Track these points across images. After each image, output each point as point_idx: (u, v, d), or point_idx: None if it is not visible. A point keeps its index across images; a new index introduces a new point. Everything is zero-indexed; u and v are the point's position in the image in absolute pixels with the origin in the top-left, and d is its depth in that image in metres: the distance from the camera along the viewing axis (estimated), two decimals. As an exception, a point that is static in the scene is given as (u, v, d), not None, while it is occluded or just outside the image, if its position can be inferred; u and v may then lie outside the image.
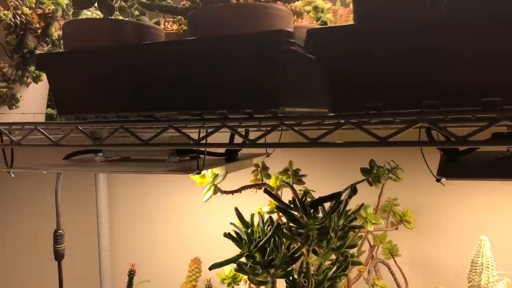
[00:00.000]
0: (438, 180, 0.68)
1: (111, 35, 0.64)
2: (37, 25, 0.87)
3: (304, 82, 0.61)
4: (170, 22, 0.77)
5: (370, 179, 0.91)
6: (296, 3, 0.64)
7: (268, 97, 0.55)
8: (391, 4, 0.49)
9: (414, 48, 0.47)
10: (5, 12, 0.83)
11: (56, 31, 0.86)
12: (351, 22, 0.95)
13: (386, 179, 0.95)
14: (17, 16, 0.84)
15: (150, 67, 0.60)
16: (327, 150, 1.18)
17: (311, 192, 1.04)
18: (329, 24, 0.79)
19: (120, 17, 0.68)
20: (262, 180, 1.02)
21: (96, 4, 0.66)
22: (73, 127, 0.72)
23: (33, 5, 0.94)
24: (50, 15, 0.84)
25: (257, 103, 0.55)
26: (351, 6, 0.99)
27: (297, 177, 1.04)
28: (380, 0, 0.50)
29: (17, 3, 0.90)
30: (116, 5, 0.68)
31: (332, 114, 0.54)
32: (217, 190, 0.90)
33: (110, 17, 0.66)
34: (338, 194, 0.73)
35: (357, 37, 0.50)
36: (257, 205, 1.03)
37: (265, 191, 0.76)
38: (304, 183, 1.04)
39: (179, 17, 0.73)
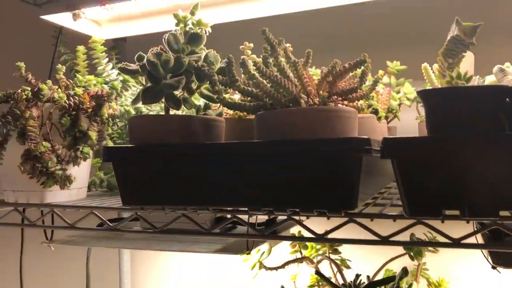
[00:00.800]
0: (494, 268, 0.70)
1: (180, 131, 0.66)
2: (88, 105, 0.89)
3: (369, 178, 0.63)
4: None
5: (412, 253, 0.92)
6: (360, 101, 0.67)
7: (343, 200, 0.57)
8: (465, 121, 0.53)
9: (483, 159, 0.50)
10: (61, 95, 0.85)
11: (106, 111, 0.89)
12: (392, 102, 0.98)
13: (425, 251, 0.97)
14: (71, 98, 0.86)
15: (221, 165, 0.62)
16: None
17: (347, 261, 1.05)
18: (376, 107, 0.82)
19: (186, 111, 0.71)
20: (300, 250, 1.03)
21: (164, 99, 0.69)
22: (133, 213, 0.74)
23: (82, 83, 0.97)
24: (103, 97, 0.86)
25: (331, 204, 0.57)
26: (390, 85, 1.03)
27: (333, 247, 1.05)
28: (452, 117, 0.53)
29: (68, 83, 0.93)
30: (180, 95, 0.71)
31: (405, 215, 0.56)
32: (262, 266, 0.91)
33: (178, 114, 0.68)
34: (393, 278, 0.75)
35: (432, 147, 0.53)
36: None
37: (317, 273, 0.77)
38: (340, 253, 1.05)
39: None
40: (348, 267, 1.04)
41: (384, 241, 0.59)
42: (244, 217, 0.68)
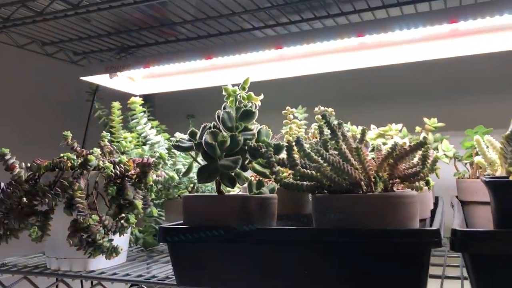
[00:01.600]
0: None
1: (237, 212, 0.66)
2: (133, 172, 0.89)
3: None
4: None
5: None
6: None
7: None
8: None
9: None
10: (107, 164, 0.85)
11: (151, 179, 0.89)
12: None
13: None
14: (117, 166, 0.87)
15: (283, 251, 0.61)
16: None
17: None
18: (428, 179, 0.81)
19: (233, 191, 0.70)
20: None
21: (219, 178, 0.69)
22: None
23: (125, 149, 0.97)
24: (149, 166, 0.87)
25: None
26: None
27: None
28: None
29: (111, 149, 0.93)
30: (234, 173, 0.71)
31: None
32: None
33: (233, 194, 0.68)
34: None
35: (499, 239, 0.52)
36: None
37: None
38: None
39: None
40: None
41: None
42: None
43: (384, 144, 1.01)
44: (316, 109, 0.93)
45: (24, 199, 0.86)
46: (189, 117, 1.44)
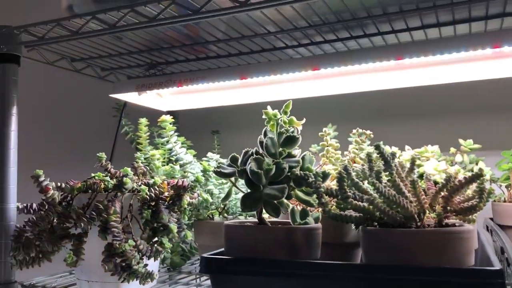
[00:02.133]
0: None
1: (283, 243, 0.64)
2: (167, 194, 0.87)
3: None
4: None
5: None
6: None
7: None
8: None
9: None
10: (143, 187, 0.84)
11: (186, 202, 0.87)
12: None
13: None
14: (151, 189, 0.85)
15: (332, 286, 0.59)
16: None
17: None
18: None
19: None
20: None
21: (263, 207, 0.67)
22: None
23: (158, 169, 0.96)
24: (185, 188, 0.85)
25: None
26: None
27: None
28: None
29: (144, 169, 0.92)
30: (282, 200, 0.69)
31: None
32: None
33: (278, 225, 0.66)
34: None
35: None
36: None
37: None
38: None
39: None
40: None
41: None
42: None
43: (419, 166, 0.98)
44: (354, 131, 0.91)
45: (57, 221, 0.84)
46: (214, 133, 1.42)
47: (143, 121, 1.20)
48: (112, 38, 1.01)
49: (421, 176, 0.74)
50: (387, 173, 0.60)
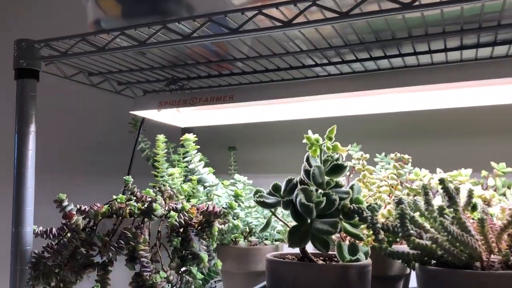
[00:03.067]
0: None
1: (335, 282, 0.59)
2: (196, 220, 0.83)
3: None
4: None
5: None
6: None
7: None
8: None
9: None
10: (172, 213, 0.79)
11: (217, 229, 0.82)
12: None
13: None
14: (181, 215, 0.80)
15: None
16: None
17: None
18: None
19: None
20: None
21: (311, 241, 0.63)
22: None
23: (185, 192, 0.91)
24: (216, 215, 0.80)
25: None
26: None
27: None
28: None
29: (171, 193, 0.87)
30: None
31: None
32: None
33: (331, 264, 0.62)
34: None
35: None
36: None
37: None
38: None
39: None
40: None
41: None
42: None
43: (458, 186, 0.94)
44: (392, 155, 0.87)
45: (81, 248, 0.79)
46: (231, 149, 1.38)
47: (161, 137, 1.15)
48: (135, 53, 0.97)
49: (473, 207, 0.70)
50: (451, 209, 0.57)
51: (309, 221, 0.63)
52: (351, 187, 0.67)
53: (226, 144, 1.44)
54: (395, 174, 0.85)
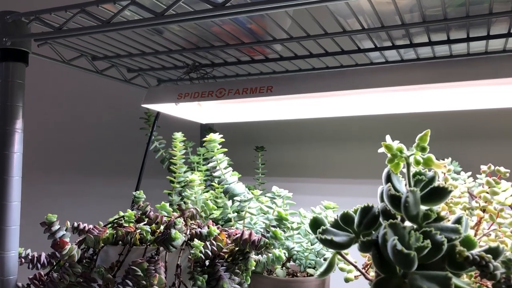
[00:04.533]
0: None
1: None
2: (226, 250, 0.63)
3: None
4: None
5: None
6: None
7: None
8: None
9: None
10: (196, 243, 0.59)
11: (254, 263, 0.63)
12: None
13: None
14: (208, 245, 0.61)
15: None
16: None
17: None
18: None
19: None
20: None
21: None
22: None
23: (212, 211, 0.72)
24: (254, 245, 0.60)
25: None
26: None
27: None
28: None
29: (193, 212, 0.68)
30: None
31: None
32: None
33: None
34: None
35: None
36: None
37: None
38: None
39: None
40: None
41: None
42: None
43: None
44: (485, 168, 0.66)
45: (75, 284, 0.60)
46: (259, 149, 1.18)
47: (179, 136, 0.96)
48: (148, 31, 0.77)
49: None
50: None
51: (401, 272, 0.43)
52: (458, 221, 0.46)
53: (248, 142, 1.24)
54: (487, 193, 0.64)
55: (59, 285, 0.59)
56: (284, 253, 0.75)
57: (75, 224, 0.67)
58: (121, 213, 0.70)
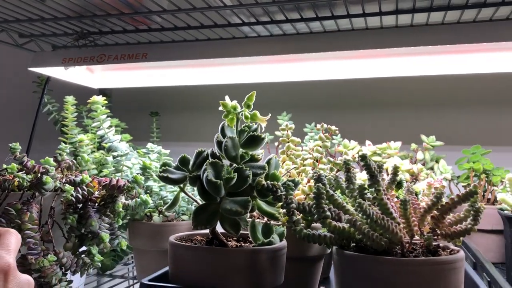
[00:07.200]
0: None
1: (245, 268, 0.52)
2: (97, 195, 0.73)
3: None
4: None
5: None
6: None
7: None
8: None
9: None
10: (67, 187, 0.68)
11: (121, 205, 0.73)
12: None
13: None
14: (79, 189, 0.70)
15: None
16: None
17: None
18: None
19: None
20: None
21: (220, 222, 0.55)
22: None
23: (87, 163, 0.80)
24: (120, 189, 0.70)
25: None
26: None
27: None
28: None
29: (70, 163, 0.76)
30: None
31: None
32: None
33: (240, 248, 0.54)
34: None
35: None
36: None
37: None
38: None
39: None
40: None
41: None
42: None
43: (382, 163, 0.90)
44: (319, 126, 0.81)
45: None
46: (153, 115, 1.27)
47: (70, 99, 1.02)
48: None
49: (399, 184, 0.65)
50: (373, 189, 0.51)
51: (218, 199, 0.55)
52: (268, 161, 0.59)
53: (148, 109, 1.33)
54: (320, 147, 0.78)
55: None
56: (161, 202, 0.86)
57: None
58: (5, 166, 0.77)
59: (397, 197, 0.61)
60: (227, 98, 0.64)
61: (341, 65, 0.98)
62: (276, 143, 0.86)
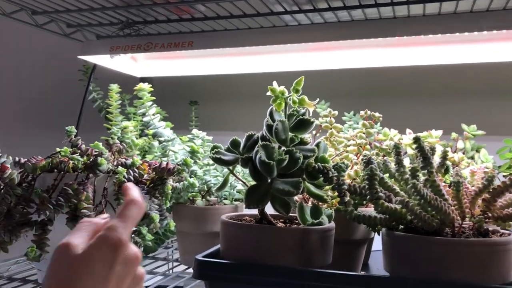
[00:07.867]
0: None
1: (295, 247, 0.54)
2: (147, 177, 0.76)
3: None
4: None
5: None
6: None
7: None
8: None
9: None
10: (120, 169, 0.71)
11: (170, 187, 0.75)
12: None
13: None
14: (130, 171, 0.73)
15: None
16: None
17: None
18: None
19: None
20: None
21: (270, 202, 0.57)
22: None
23: (137, 147, 0.83)
24: (170, 172, 0.73)
25: None
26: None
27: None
28: None
29: (121, 147, 0.79)
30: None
31: None
32: None
33: (291, 227, 0.56)
34: None
35: None
36: None
37: None
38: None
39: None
40: None
41: None
42: None
43: (433, 146, 0.90)
44: (362, 112, 0.81)
45: (16, 205, 0.71)
46: (193, 104, 1.29)
47: (114, 87, 1.06)
48: (82, -11, 0.86)
49: (446, 169, 0.65)
50: (425, 171, 0.51)
51: (269, 180, 0.57)
52: (317, 145, 0.61)
53: (188, 99, 1.35)
54: (363, 133, 0.79)
55: (1, 204, 0.69)
56: (204, 187, 0.89)
57: (16, 159, 0.77)
58: (58, 149, 0.80)
59: (444, 182, 0.61)
60: (275, 83, 0.65)
61: (381, 53, 0.98)
62: (314, 132, 0.87)
